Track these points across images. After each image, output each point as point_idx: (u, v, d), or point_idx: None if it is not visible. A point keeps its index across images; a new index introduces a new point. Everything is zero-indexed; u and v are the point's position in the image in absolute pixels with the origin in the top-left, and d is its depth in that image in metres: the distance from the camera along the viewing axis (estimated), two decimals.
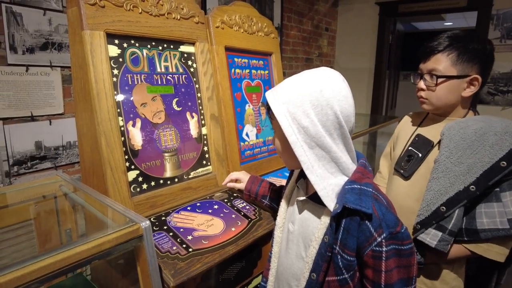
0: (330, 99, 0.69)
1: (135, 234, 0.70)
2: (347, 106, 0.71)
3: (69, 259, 0.61)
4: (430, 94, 1.05)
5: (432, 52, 1.02)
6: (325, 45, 3.86)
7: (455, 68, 1.00)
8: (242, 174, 1.20)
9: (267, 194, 1.11)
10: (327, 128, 0.71)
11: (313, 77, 0.72)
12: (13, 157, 1.45)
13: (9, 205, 0.93)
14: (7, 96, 1.41)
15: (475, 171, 0.95)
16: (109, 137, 0.99)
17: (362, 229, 0.69)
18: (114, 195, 0.99)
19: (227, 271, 1.04)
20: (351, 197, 0.69)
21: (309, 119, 0.70)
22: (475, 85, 1.01)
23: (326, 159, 0.72)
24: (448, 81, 1.01)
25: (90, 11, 0.95)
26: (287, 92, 0.73)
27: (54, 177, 1.01)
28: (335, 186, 0.73)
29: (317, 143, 0.71)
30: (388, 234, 0.68)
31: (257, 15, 1.58)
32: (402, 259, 0.69)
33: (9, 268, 0.56)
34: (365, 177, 0.73)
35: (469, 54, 0.99)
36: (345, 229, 0.71)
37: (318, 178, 0.72)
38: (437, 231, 0.98)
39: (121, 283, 0.97)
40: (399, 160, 1.15)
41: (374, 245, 0.68)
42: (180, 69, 1.24)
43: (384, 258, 0.68)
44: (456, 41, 1.00)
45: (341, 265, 0.72)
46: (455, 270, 1.08)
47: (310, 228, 0.79)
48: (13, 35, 1.40)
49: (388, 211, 0.71)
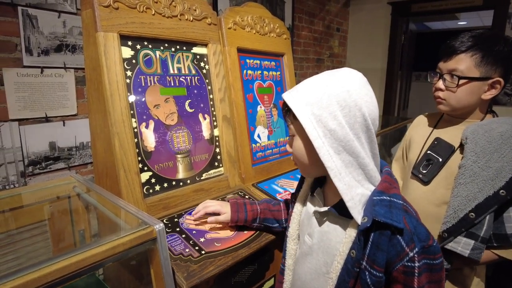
0: (358, 100, 0.66)
1: (149, 236, 0.70)
2: (373, 108, 0.68)
3: (83, 262, 0.61)
4: (449, 95, 1.02)
5: (454, 52, 0.99)
6: (336, 46, 3.83)
7: (478, 70, 0.97)
8: (219, 205, 1.03)
9: (256, 217, 1.02)
10: (355, 131, 0.67)
11: (338, 78, 0.69)
12: (28, 158, 1.47)
13: (24, 205, 0.94)
14: (22, 97, 1.43)
15: (504, 175, 0.92)
16: (122, 139, 0.99)
17: (393, 243, 0.65)
18: (127, 196, 0.99)
19: (240, 274, 1.03)
20: (381, 210, 0.65)
21: (336, 121, 0.66)
22: (496, 88, 0.98)
23: (354, 166, 0.68)
24: (470, 83, 0.98)
25: (104, 13, 0.96)
26: (310, 92, 0.69)
27: (68, 178, 1.02)
28: (362, 197, 0.68)
29: (344, 148, 0.67)
30: (420, 248, 0.64)
31: (269, 16, 1.57)
32: (433, 274, 0.65)
33: (25, 270, 0.56)
34: (393, 187, 0.69)
35: (494, 57, 0.95)
36: (374, 243, 0.66)
37: (346, 187, 0.67)
38: (468, 239, 0.94)
39: (133, 284, 0.97)
40: (417, 165, 1.12)
41: (406, 260, 0.64)
42: (193, 70, 1.24)
43: (416, 274, 0.64)
44: (480, 41, 0.96)
45: (369, 282, 0.68)
46: (478, 274, 1.06)
47: (332, 242, 0.74)
48: (28, 37, 1.42)
49: (419, 223, 0.67)
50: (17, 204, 0.93)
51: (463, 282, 1.04)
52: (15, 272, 0.55)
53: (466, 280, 1.04)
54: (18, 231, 0.99)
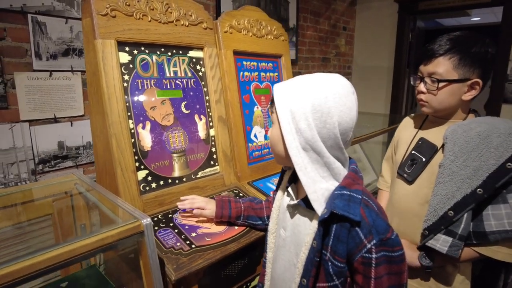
0: (332, 108, 0.69)
1: (136, 230, 0.75)
2: (348, 119, 0.70)
3: (75, 251, 0.67)
4: (431, 97, 1.04)
5: (433, 55, 1.01)
6: (343, 44, 3.83)
7: (457, 72, 0.99)
8: (204, 202, 1.09)
9: (240, 214, 1.07)
10: (322, 135, 0.70)
11: (323, 82, 0.71)
12: (38, 156, 1.56)
13: (29, 201, 1.02)
14: (32, 99, 1.52)
15: (481, 174, 0.94)
16: (119, 139, 1.06)
17: (352, 235, 0.69)
18: (124, 193, 1.06)
19: (230, 268, 1.08)
20: (340, 203, 0.68)
21: (307, 122, 0.69)
22: (476, 89, 1.00)
23: (320, 163, 0.72)
24: (449, 85, 1.00)
25: (102, 21, 1.02)
26: (294, 90, 0.72)
27: (70, 176, 1.10)
28: (325, 191, 0.72)
29: (311, 147, 0.71)
30: (378, 240, 0.67)
31: (266, 18, 1.61)
32: (392, 265, 0.68)
33: (24, 257, 0.63)
34: (356, 183, 0.73)
35: (471, 58, 0.97)
36: (335, 235, 0.70)
37: (310, 181, 0.71)
38: (447, 236, 0.97)
39: (129, 276, 1.03)
40: (402, 164, 1.14)
41: (364, 251, 0.67)
42: (189, 73, 1.29)
43: (374, 264, 0.67)
44: (458, 44, 0.98)
45: (331, 271, 0.72)
46: (462, 272, 1.08)
47: (302, 234, 0.78)
48: (38, 43, 1.51)
49: (379, 217, 0.70)
50: (23, 200, 1.01)
51: (446, 279, 1.07)
52: (15, 258, 0.62)
53: (449, 278, 1.07)
54: (26, 224, 1.07)
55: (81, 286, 1.02)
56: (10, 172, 1.49)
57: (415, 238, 1.07)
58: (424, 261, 1.03)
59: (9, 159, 1.48)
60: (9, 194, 0.98)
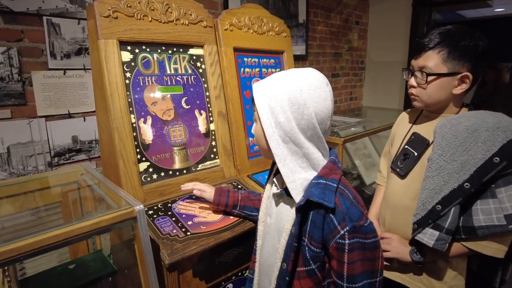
0: (308, 100, 0.73)
1: (129, 215, 0.82)
2: (324, 109, 0.74)
3: (72, 232, 0.74)
4: (421, 91, 1.05)
5: (423, 49, 1.02)
6: (356, 39, 3.79)
7: (446, 66, 0.99)
8: (206, 186, 1.16)
9: (237, 204, 1.12)
10: (301, 127, 0.74)
11: (297, 76, 0.75)
12: (53, 150, 1.67)
13: (40, 189, 1.12)
14: (48, 96, 1.62)
15: (468, 168, 0.94)
16: (121, 133, 1.13)
17: (327, 222, 0.73)
18: (125, 183, 1.13)
19: (224, 255, 1.13)
20: (316, 191, 0.73)
21: (285, 115, 0.73)
22: (466, 83, 1.00)
23: (299, 155, 0.76)
24: (439, 79, 1.01)
25: (104, 22, 1.09)
26: (271, 86, 0.76)
27: (78, 167, 1.18)
28: (304, 180, 0.76)
29: (291, 139, 0.75)
30: (351, 227, 0.71)
31: (267, 15, 1.64)
32: (366, 252, 0.72)
33: (27, 236, 0.71)
34: (333, 173, 0.77)
35: (460, 52, 0.97)
36: (312, 222, 0.75)
37: (289, 171, 0.76)
38: (434, 230, 0.98)
39: (131, 261, 1.11)
40: (396, 159, 1.16)
41: (338, 237, 0.71)
42: (189, 70, 1.35)
43: (347, 250, 0.71)
44: (447, 38, 0.99)
45: (308, 256, 0.76)
46: (454, 267, 1.08)
47: (283, 221, 0.83)
48: (52, 43, 1.61)
49: (353, 205, 0.74)
50: (34, 188, 1.10)
51: (438, 274, 1.07)
52: (21, 236, 0.70)
53: (441, 273, 1.07)
54: (37, 210, 1.17)
55: (87, 269, 1.11)
56: (28, 164, 1.60)
57: (407, 232, 1.08)
58: (415, 256, 1.04)
59: (27, 152, 1.60)
60: (22, 183, 1.08)
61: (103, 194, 0.99)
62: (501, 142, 0.92)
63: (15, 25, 1.52)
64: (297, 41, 3.06)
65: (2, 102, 1.51)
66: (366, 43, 3.97)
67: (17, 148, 1.57)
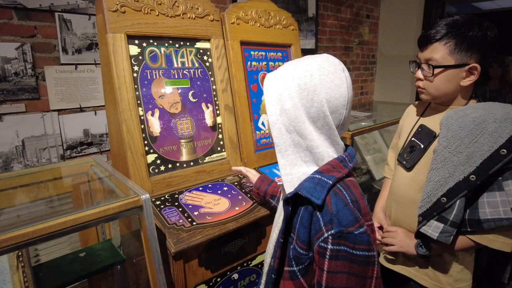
0: (318, 86, 0.67)
1: (135, 204, 0.84)
2: (338, 96, 0.68)
3: (80, 219, 0.77)
4: (427, 84, 1.03)
5: (429, 41, 1.00)
6: (367, 33, 3.74)
7: (453, 58, 0.97)
8: (252, 170, 1.21)
9: (275, 195, 1.10)
10: (311, 115, 0.68)
11: (309, 62, 0.70)
12: (66, 143, 1.71)
13: (52, 179, 1.15)
14: (60, 91, 1.67)
15: (474, 160, 0.93)
16: (129, 125, 1.16)
17: (314, 221, 0.66)
18: (133, 174, 1.16)
19: (230, 245, 1.15)
20: (307, 185, 0.67)
21: (292, 102, 0.68)
22: (474, 74, 0.98)
23: (302, 147, 0.71)
24: (446, 71, 0.99)
25: (112, 17, 1.12)
26: (281, 73, 0.72)
27: (88, 159, 1.22)
28: (303, 174, 0.71)
29: (295, 128, 0.69)
30: (337, 232, 0.61)
31: (275, 8, 1.64)
32: (353, 265, 0.61)
33: (38, 221, 0.74)
34: (335, 170, 0.69)
35: (468, 42, 0.95)
36: (301, 219, 0.69)
37: (287, 164, 0.71)
38: (438, 222, 0.97)
39: (139, 250, 1.14)
40: (402, 151, 1.15)
41: (321, 240, 0.63)
42: (196, 64, 1.37)
43: (328, 256, 0.62)
44: (454, 29, 0.96)
45: (291, 255, 0.70)
46: (461, 261, 1.07)
47: (280, 215, 0.80)
48: (64, 39, 1.65)
49: (346, 208, 0.64)
50: (48, 178, 1.14)
51: (444, 267, 1.07)
52: (32, 222, 0.73)
53: (447, 266, 1.06)
54: (50, 199, 1.21)
55: (96, 257, 1.14)
56: (42, 157, 1.65)
57: (413, 225, 1.08)
58: (420, 250, 1.04)
59: (41, 144, 1.64)
60: (34, 173, 1.12)
61: (111, 184, 1.02)
62: (508, 133, 0.91)
63: (28, 21, 1.56)
64: (306, 35, 3.04)
65: (16, 97, 1.56)
66: (377, 37, 3.92)
67: (31, 141, 1.62)
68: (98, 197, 1.20)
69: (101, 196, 1.17)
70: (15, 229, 0.71)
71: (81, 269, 1.09)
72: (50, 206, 1.19)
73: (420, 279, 1.10)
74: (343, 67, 0.71)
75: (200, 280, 1.09)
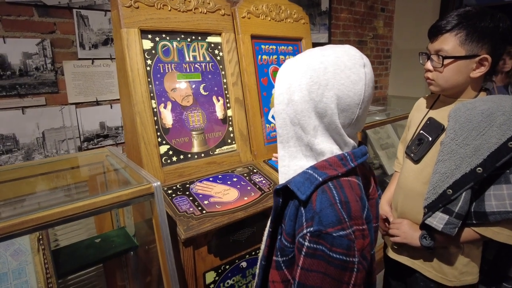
0: (331, 80, 0.63)
1: (147, 191, 0.89)
2: (352, 94, 0.64)
3: (95, 204, 0.82)
4: (437, 75, 1.03)
5: (439, 32, 1.00)
6: (381, 26, 3.69)
7: (463, 48, 0.97)
8: None
9: None
10: (318, 110, 0.65)
11: (327, 53, 0.66)
12: (83, 135, 1.78)
13: (69, 168, 1.21)
14: (78, 85, 1.73)
15: (481, 152, 0.93)
16: (142, 117, 1.20)
17: (298, 215, 0.66)
18: (146, 164, 1.20)
19: (238, 234, 1.19)
20: (297, 179, 0.66)
21: (301, 94, 0.65)
22: (485, 65, 0.97)
23: (303, 141, 0.69)
24: (456, 62, 0.98)
25: (126, 12, 1.16)
26: (297, 62, 0.69)
27: (104, 149, 1.27)
28: (299, 168, 0.70)
29: (299, 121, 0.67)
30: (316, 230, 0.59)
31: (286, 2, 1.65)
32: (330, 267, 0.59)
33: (57, 205, 0.79)
34: (331, 168, 0.66)
35: (479, 33, 0.94)
36: (289, 212, 0.68)
37: (286, 155, 0.70)
38: (443, 214, 0.97)
39: (151, 237, 1.19)
40: (410, 144, 1.15)
41: (300, 236, 0.62)
42: (207, 57, 1.40)
43: (303, 252, 0.61)
44: (466, 19, 0.96)
45: (277, 245, 0.70)
46: (466, 254, 1.07)
47: None
48: (81, 34, 1.71)
49: (331, 208, 0.61)
50: (66, 166, 1.20)
51: (449, 260, 1.07)
52: (50, 206, 0.78)
53: (452, 259, 1.07)
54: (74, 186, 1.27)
55: (111, 243, 1.20)
56: (61, 148, 1.73)
57: (418, 217, 1.08)
58: (424, 241, 1.04)
59: (59, 136, 1.72)
60: (52, 162, 1.18)
61: (125, 174, 1.07)
62: None
63: (48, 18, 1.62)
64: (319, 29, 3.03)
65: (37, 90, 1.63)
66: (392, 31, 3.86)
67: (51, 133, 1.69)
68: (112, 185, 1.25)
69: (115, 185, 1.22)
70: (35, 212, 0.76)
71: (96, 254, 1.15)
72: (68, 193, 1.25)
73: (426, 271, 1.10)
74: (364, 62, 0.66)
75: (209, 267, 1.13)
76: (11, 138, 1.59)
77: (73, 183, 1.23)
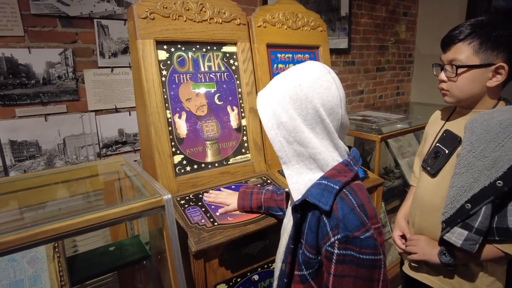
0: (309, 93, 0.69)
1: (158, 204, 0.88)
2: (330, 97, 0.69)
3: (106, 216, 0.82)
4: (451, 85, 1.00)
5: (452, 42, 0.97)
6: (403, 31, 3.59)
7: (478, 57, 0.93)
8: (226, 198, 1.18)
9: (261, 205, 1.12)
10: (309, 123, 0.70)
11: (295, 72, 0.72)
12: (102, 141, 1.82)
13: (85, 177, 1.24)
14: (97, 92, 1.77)
15: (501, 165, 0.88)
16: (157, 127, 1.21)
17: (321, 226, 0.68)
18: (160, 174, 1.21)
19: (250, 247, 1.17)
20: (314, 191, 0.68)
21: (288, 114, 0.70)
22: (501, 74, 0.93)
23: (304, 156, 0.72)
24: (470, 71, 0.95)
25: (142, 23, 1.17)
26: (271, 89, 0.75)
27: (119, 158, 1.29)
28: (309, 181, 0.72)
29: (295, 138, 0.71)
30: (343, 236, 0.63)
31: (302, 10, 1.63)
32: (360, 269, 0.63)
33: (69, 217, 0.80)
34: (341, 175, 0.70)
35: (493, 41, 0.91)
36: (309, 224, 0.71)
37: (293, 173, 0.73)
38: (462, 229, 0.93)
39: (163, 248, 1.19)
40: (427, 157, 1.11)
41: (328, 244, 0.65)
42: (222, 67, 1.40)
43: (334, 260, 0.64)
44: (479, 28, 0.93)
45: (300, 260, 0.72)
46: (490, 273, 1.01)
47: (291, 221, 0.80)
48: (102, 43, 1.75)
49: (352, 213, 0.66)
50: (81, 176, 1.23)
51: (471, 279, 1.02)
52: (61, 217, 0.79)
53: (474, 278, 1.01)
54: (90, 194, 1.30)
55: (124, 251, 1.21)
56: (80, 154, 1.77)
57: (437, 233, 1.03)
58: (443, 258, 1.00)
59: (79, 143, 1.76)
60: (70, 171, 1.20)
61: (138, 184, 1.07)
62: None
63: (70, 28, 1.67)
64: (339, 34, 2.99)
65: (59, 98, 1.68)
66: (414, 35, 3.75)
67: (71, 139, 1.74)
68: (126, 194, 1.27)
69: (129, 194, 1.23)
70: (49, 223, 0.77)
71: (111, 262, 1.16)
72: (86, 201, 1.28)
73: None
74: (328, 69, 0.73)
75: (220, 280, 1.12)
76: (34, 145, 1.64)
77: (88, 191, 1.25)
